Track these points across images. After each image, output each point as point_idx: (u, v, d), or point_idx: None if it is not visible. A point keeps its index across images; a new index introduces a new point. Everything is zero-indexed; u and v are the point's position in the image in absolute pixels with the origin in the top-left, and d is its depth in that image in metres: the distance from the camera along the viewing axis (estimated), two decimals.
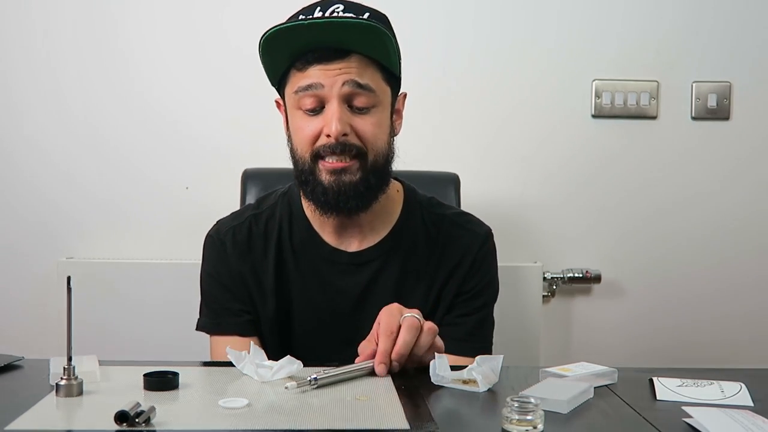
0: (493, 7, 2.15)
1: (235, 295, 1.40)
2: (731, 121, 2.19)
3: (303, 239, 1.41)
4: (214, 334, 1.40)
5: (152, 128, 2.13)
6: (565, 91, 2.17)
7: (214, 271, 1.42)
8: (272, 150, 2.08)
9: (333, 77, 1.29)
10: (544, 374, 1.15)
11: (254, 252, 1.41)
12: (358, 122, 1.31)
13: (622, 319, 2.21)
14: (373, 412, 0.97)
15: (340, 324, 1.39)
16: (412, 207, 1.45)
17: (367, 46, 1.30)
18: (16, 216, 2.13)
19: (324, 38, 1.29)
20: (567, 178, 2.19)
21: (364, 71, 1.31)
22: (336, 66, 1.29)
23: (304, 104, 1.32)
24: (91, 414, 0.96)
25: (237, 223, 1.44)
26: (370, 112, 1.32)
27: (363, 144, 1.32)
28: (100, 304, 2.02)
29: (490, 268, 1.46)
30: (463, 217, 1.48)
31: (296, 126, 1.35)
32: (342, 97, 1.30)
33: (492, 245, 1.47)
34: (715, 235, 2.21)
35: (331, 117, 1.29)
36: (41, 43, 2.10)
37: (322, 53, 1.29)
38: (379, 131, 1.34)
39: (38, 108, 2.11)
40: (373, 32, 1.28)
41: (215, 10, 2.12)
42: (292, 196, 1.45)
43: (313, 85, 1.30)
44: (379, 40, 1.30)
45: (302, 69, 1.31)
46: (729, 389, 1.10)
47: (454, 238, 1.43)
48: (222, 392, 1.05)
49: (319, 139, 1.32)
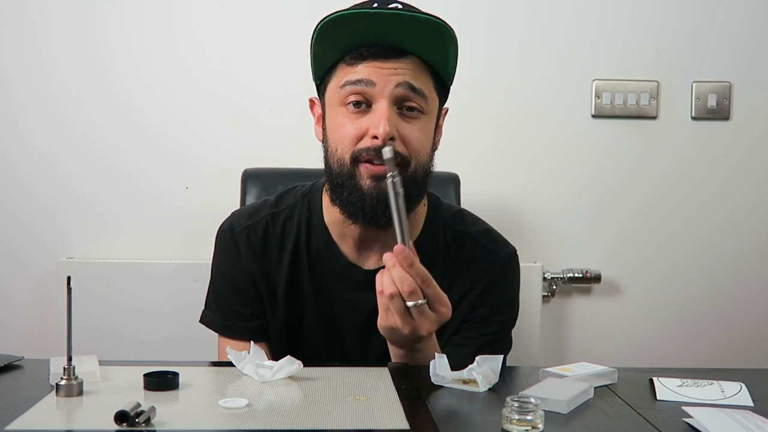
0: (492, 8, 2.15)
1: (246, 300, 1.36)
2: (731, 121, 2.19)
3: (320, 249, 1.35)
4: (222, 336, 1.38)
5: (152, 128, 2.13)
6: (565, 91, 2.17)
7: (227, 271, 1.37)
8: (272, 150, 2.10)
9: (386, 76, 1.22)
10: (544, 374, 1.15)
11: (268, 255, 1.35)
12: (405, 128, 1.24)
13: (622, 319, 2.21)
14: (373, 412, 0.97)
15: (349, 339, 1.36)
16: (435, 223, 1.37)
17: (426, 48, 1.24)
18: (16, 216, 2.13)
19: (383, 33, 1.21)
20: (567, 178, 2.19)
21: (418, 75, 1.24)
22: (391, 65, 1.22)
23: (349, 99, 1.24)
24: (91, 414, 0.96)
25: (252, 222, 1.37)
26: (418, 119, 1.25)
27: (407, 152, 1.24)
28: (100, 304, 2.02)
29: (505, 294, 1.38)
30: (486, 237, 1.40)
31: (337, 123, 1.26)
32: (393, 98, 1.22)
33: (511, 269, 1.39)
34: (715, 235, 2.21)
35: (380, 118, 1.21)
36: (38, 43, 2.10)
37: (377, 50, 1.22)
38: (425, 140, 1.27)
39: (36, 109, 2.11)
40: (437, 33, 1.22)
41: (215, 10, 2.12)
42: (312, 199, 1.38)
43: (364, 80, 1.22)
44: (441, 43, 1.24)
45: (353, 64, 1.23)
46: (729, 389, 1.10)
47: (471, 261, 1.35)
48: (222, 392, 1.05)
49: (363, 140, 1.23)
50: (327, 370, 1.15)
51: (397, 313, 1.14)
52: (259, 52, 2.13)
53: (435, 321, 1.16)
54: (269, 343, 1.35)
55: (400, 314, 1.14)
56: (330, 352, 1.36)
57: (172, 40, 2.12)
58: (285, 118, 2.12)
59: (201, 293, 1.44)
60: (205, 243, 1.45)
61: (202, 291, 1.44)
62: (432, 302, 1.16)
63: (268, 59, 2.12)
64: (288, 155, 2.06)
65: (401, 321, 1.15)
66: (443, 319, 1.18)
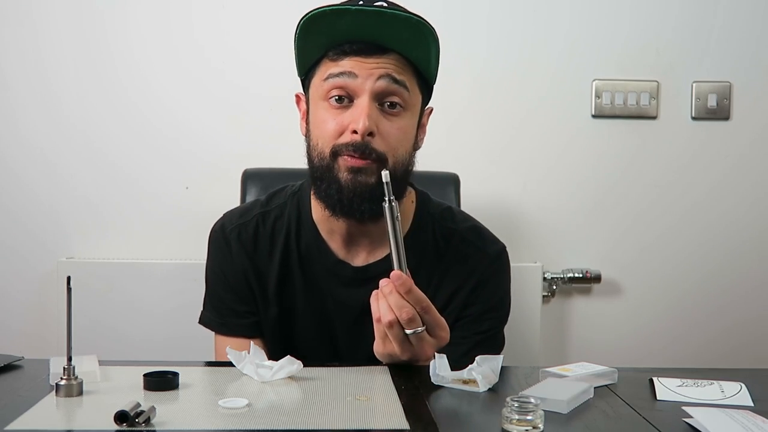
0: (492, 8, 2.15)
1: (240, 297, 1.38)
2: (731, 121, 2.19)
3: (309, 246, 1.37)
4: (219, 334, 1.39)
5: (152, 128, 2.13)
6: (565, 91, 2.17)
7: (219, 270, 1.40)
8: (272, 150, 2.10)
9: (369, 69, 1.24)
10: (544, 374, 1.15)
11: (259, 253, 1.38)
12: (385, 124, 1.25)
13: (622, 319, 2.21)
14: (373, 412, 0.97)
15: (340, 336, 1.37)
16: (424, 220, 1.39)
17: (408, 46, 1.25)
18: (17, 216, 2.13)
19: (366, 30, 1.23)
20: (567, 178, 2.19)
21: (401, 70, 1.26)
22: (373, 60, 1.24)
23: (331, 94, 1.26)
24: (91, 414, 0.96)
25: (243, 221, 1.39)
26: (399, 115, 1.27)
27: (385, 149, 1.25)
28: (100, 304, 2.02)
29: (496, 291, 1.38)
30: (475, 233, 1.40)
31: (319, 118, 1.28)
32: (374, 93, 1.24)
33: (501, 266, 1.40)
34: (715, 235, 2.21)
35: (360, 113, 1.23)
36: (38, 43, 2.10)
37: (361, 46, 1.24)
38: (403, 138, 1.28)
39: (36, 109, 2.11)
40: (419, 31, 1.24)
41: (214, 9, 2.12)
42: (302, 198, 1.40)
43: (346, 73, 1.24)
44: (423, 42, 1.25)
45: (336, 59, 1.26)
46: (729, 389, 1.10)
47: (461, 258, 1.36)
48: (222, 392, 1.05)
49: (343, 135, 1.25)
50: (327, 370, 1.15)
51: (396, 340, 1.14)
52: (259, 51, 2.13)
53: (434, 346, 1.16)
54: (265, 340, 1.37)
55: (398, 342, 1.14)
56: (322, 349, 1.37)
57: (172, 39, 2.12)
58: (285, 118, 2.11)
59: (200, 293, 1.45)
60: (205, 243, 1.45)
61: (202, 291, 1.45)
62: (431, 328, 1.15)
63: (268, 59, 2.12)
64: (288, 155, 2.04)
65: (400, 348, 1.14)
66: (442, 344, 1.17)
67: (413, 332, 1.13)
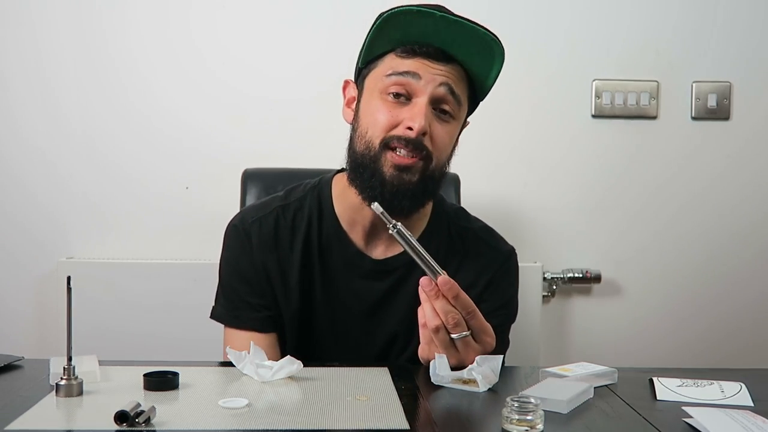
0: (492, 8, 2.14)
1: (255, 290, 1.37)
2: (731, 121, 2.19)
3: (330, 237, 1.38)
4: (230, 327, 1.38)
5: (152, 128, 2.13)
6: (565, 91, 2.17)
7: (236, 262, 1.39)
8: (272, 150, 2.10)
9: (432, 74, 1.28)
10: (544, 374, 1.15)
11: (280, 246, 1.37)
12: (437, 127, 1.30)
13: (622, 319, 2.21)
14: (373, 412, 0.98)
15: (353, 327, 1.37)
16: (440, 217, 1.42)
17: (473, 60, 1.31)
18: (17, 216, 2.13)
19: (439, 36, 1.28)
20: (567, 178, 2.19)
21: (459, 82, 1.31)
22: (438, 67, 1.29)
23: (391, 89, 1.29)
24: (91, 414, 0.96)
25: (263, 214, 1.39)
26: (449, 123, 1.32)
27: (433, 150, 1.30)
28: (100, 304, 2.02)
29: (508, 289, 1.42)
30: (487, 233, 1.45)
31: (373, 108, 1.31)
32: (433, 97, 1.29)
33: (512, 265, 1.44)
34: (715, 235, 2.21)
35: (418, 111, 1.27)
36: (37, 43, 2.10)
37: (430, 50, 1.29)
38: (449, 143, 1.34)
39: (36, 109, 2.11)
40: (489, 49, 1.29)
41: (214, 9, 2.12)
42: (322, 190, 1.41)
43: (411, 72, 1.28)
44: (489, 59, 1.31)
45: (404, 57, 1.29)
46: (729, 389, 1.10)
47: (475, 255, 1.40)
48: (222, 392, 1.05)
49: (396, 129, 1.28)
50: (327, 370, 1.16)
51: (442, 345, 1.16)
52: (259, 52, 2.12)
53: (479, 352, 1.17)
54: (277, 335, 1.36)
55: (444, 347, 1.16)
56: (337, 341, 1.38)
57: (172, 39, 2.12)
58: (285, 118, 2.13)
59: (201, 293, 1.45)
60: (206, 243, 1.45)
61: (202, 291, 1.45)
62: (476, 333, 1.18)
63: (269, 59, 2.12)
64: (288, 155, 2.06)
65: (446, 353, 1.15)
66: (488, 349, 1.19)
67: (459, 337, 1.15)
